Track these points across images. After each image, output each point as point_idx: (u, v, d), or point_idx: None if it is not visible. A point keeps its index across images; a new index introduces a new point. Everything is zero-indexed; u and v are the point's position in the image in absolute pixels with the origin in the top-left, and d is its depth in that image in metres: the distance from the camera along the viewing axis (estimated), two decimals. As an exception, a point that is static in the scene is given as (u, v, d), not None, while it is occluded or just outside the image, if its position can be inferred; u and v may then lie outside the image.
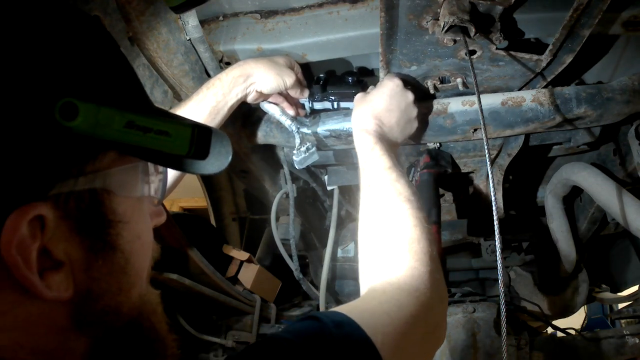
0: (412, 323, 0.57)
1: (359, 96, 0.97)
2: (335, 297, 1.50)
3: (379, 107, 0.91)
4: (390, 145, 0.87)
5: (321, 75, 1.09)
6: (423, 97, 1.05)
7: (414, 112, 0.96)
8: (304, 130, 1.10)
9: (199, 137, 0.44)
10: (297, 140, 1.05)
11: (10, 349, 0.37)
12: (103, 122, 0.38)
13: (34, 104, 0.35)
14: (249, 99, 1.01)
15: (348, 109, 1.08)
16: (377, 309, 0.57)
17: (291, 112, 1.08)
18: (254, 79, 0.97)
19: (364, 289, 0.68)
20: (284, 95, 1.07)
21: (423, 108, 1.02)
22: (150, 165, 0.46)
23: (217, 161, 0.47)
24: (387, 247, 0.68)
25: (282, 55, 1.01)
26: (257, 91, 0.99)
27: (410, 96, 0.95)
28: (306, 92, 1.07)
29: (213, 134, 0.46)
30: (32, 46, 0.37)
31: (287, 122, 1.05)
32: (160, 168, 0.48)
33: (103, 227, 0.41)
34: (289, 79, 0.98)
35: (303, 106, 1.11)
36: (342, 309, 0.54)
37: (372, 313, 0.55)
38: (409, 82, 0.99)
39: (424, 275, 0.63)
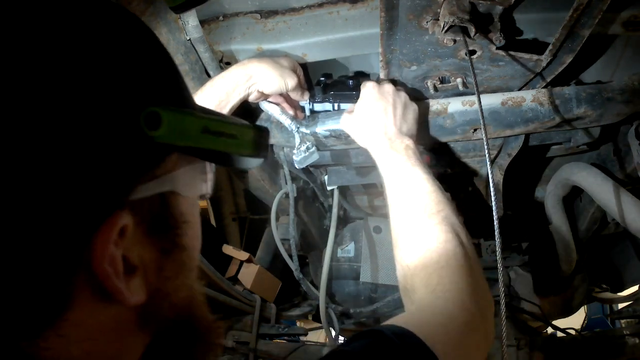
0: (466, 333, 0.60)
1: (347, 118, 0.98)
2: (335, 297, 1.50)
3: (370, 115, 0.93)
4: (406, 146, 0.88)
5: (321, 78, 1.10)
6: (423, 97, 1.05)
7: (402, 96, 0.96)
8: (304, 129, 1.10)
9: (260, 137, 0.46)
10: (297, 140, 1.05)
11: None
12: (182, 129, 0.39)
13: (120, 115, 0.36)
14: (251, 98, 1.01)
15: None
16: (432, 321, 0.59)
17: (291, 112, 1.08)
18: (257, 78, 0.97)
19: (406, 301, 0.71)
20: (285, 96, 1.07)
21: (422, 108, 1.02)
22: (206, 163, 0.47)
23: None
24: (426, 263, 0.71)
25: (285, 57, 1.01)
26: (259, 91, 1.00)
27: (388, 87, 0.96)
28: (307, 95, 1.07)
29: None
30: (113, 56, 0.37)
31: (287, 122, 1.05)
32: (213, 165, 0.49)
33: (172, 228, 0.42)
34: (291, 80, 0.99)
35: (303, 109, 1.12)
36: (397, 321, 0.56)
37: (428, 325, 0.57)
38: (384, 81, 1.00)
39: (467, 287, 0.66)
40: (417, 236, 0.75)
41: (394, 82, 1.00)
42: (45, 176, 0.32)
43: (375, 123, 0.93)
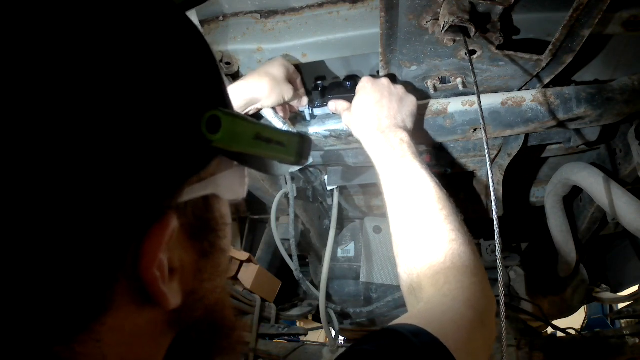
0: (475, 329, 0.60)
1: (346, 116, 0.99)
2: (335, 297, 1.50)
3: (364, 108, 0.93)
4: (401, 139, 0.87)
5: (319, 82, 1.10)
6: (423, 97, 1.05)
7: (398, 90, 0.95)
8: (303, 130, 1.10)
9: (303, 144, 0.47)
10: None
11: None
12: (238, 134, 0.39)
13: (183, 117, 0.36)
14: (250, 114, 1.02)
15: None
16: (443, 319, 0.59)
17: (282, 114, 1.08)
18: (254, 99, 0.99)
19: (411, 300, 0.71)
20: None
21: (422, 108, 1.02)
22: (245, 168, 0.47)
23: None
24: (432, 262, 0.71)
25: (282, 65, 1.00)
26: (257, 108, 1.01)
27: (384, 80, 0.96)
28: (305, 100, 1.07)
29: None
30: (177, 58, 0.37)
31: (279, 125, 1.05)
32: (248, 169, 0.49)
33: (213, 230, 0.42)
34: (287, 94, 1.00)
35: (303, 114, 1.12)
36: (408, 319, 0.57)
37: (440, 322, 0.58)
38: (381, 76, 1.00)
39: (472, 286, 0.66)
40: (421, 235, 0.74)
41: (393, 78, 1.00)
42: (99, 176, 0.31)
43: (369, 116, 0.92)
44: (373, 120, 0.91)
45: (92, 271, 0.32)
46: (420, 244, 0.74)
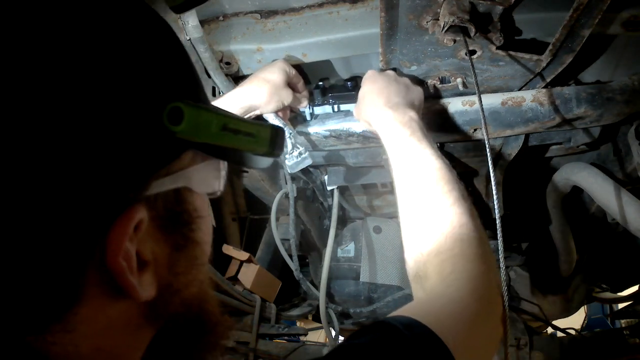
0: (478, 323, 0.58)
1: (355, 108, 0.98)
2: (335, 297, 1.50)
3: (372, 90, 0.91)
4: (410, 117, 0.84)
5: (320, 82, 1.10)
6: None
7: (404, 79, 0.94)
8: (304, 130, 1.10)
9: (276, 136, 0.46)
10: (289, 146, 1.05)
11: (88, 357, 0.36)
12: (203, 125, 0.39)
13: (143, 109, 0.36)
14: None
15: (348, 111, 1.08)
16: (443, 311, 0.57)
17: (282, 115, 1.08)
18: (253, 107, 0.99)
19: (417, 289, 0.68)
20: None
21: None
22: (220, 161, 0.48)
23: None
24: (440, 249, 0.67)
25: (281, 69, 0.99)
26: (256, 115, 1.01)
27: (390, 72, 0.95)
28: (305, 102, 1.07)
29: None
30: (139, 50, 0.37)
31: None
32: (225, 163, 0.49)
33: (185, 223, 0.42)
34: (287, 99, 1.00)
35: (303, 114, 1.12)
36: (406, 311, 0.55)
37: (439, 315, 0.56)
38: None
39: (480, 276, 0.63)
40: (429, 218, 0.70)
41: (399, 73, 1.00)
42: (63, 169, 0.32)
43: (377, 96, 0.89)
44: (382, 98, 0.88)
45: (61, 261, 0.33)
46: (427, 228, 0.70)
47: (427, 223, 0.70)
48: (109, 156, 0.34)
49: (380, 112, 0.86)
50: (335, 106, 1.09)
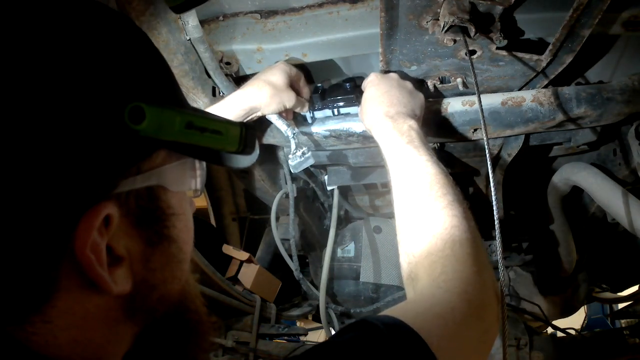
0: (467, 325, 0.57)
1: (360, 111, 0.97)
2: (335, 297, 1.50)
3: (373, 97, 0.91)
4: (409, 126, 0.85)
5: (319, 85, 1.10)
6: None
7: (407, 84, 0.95)
8: (304, 130, 1.10)
9: (246, 134, 0.47)
10: (293, 145, 1.05)
11: (67, 347, 0.38)
12: (166, 124, 0.40)
13: (105, 109, 0.37)
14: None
15: (349, 113, 1.09)
16: (429, 312, 0.57)
17: (285, 115, 1.08)
18: (255, 109, 0.99)
19: (409, 290, 0.68)
20: None
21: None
22: (196, 161, 0.48)
23: (249, 155, 0.50)
24: (431, 250, 0.67)
25: (282, 71, 0.99)
26: (258, 116, 1.01)
27: (393, 75, 0.96)
28: (306, 106, 1.07)
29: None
30: (98, 52, 0.38)
31: (282, 127, 1.05)
32: (203, 163, 0.50)
33: (159, 220, 0.43)
34: (288, 101, 1.00)
35: (304, 118, 1.12)
36: (393, 312, 0.55)
37: (424, 316, 0.55)
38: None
39: (471, 276, 0.63)
40: (421, 221, 0.71)
41: (402, 74, 1.00)
42: (31, 167, 0.34)
43: (378, 104, 0.90)
44: (382, 107, 0.89)
45: (35, 253, 0.35)
46: (418, 230, 0.70)
47: (418, 225, 0.71)
48: (73, 154, 0.35)
49: (380, 122, 0.87)
50: (335, 110, 1.09)
